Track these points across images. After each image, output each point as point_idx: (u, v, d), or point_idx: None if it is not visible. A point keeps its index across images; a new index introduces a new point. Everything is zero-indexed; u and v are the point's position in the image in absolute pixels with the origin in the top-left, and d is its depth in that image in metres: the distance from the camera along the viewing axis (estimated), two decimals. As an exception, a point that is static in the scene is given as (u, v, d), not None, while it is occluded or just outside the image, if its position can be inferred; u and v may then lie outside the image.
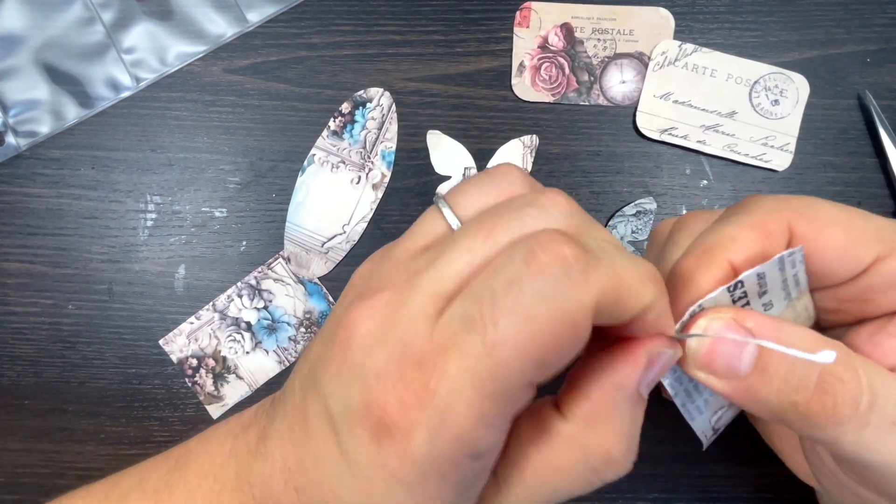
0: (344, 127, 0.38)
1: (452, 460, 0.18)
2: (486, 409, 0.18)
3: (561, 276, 0.17)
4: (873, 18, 0.38)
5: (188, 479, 0.24)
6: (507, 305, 0.17)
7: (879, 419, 0.19)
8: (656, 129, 0.37)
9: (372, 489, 0.19)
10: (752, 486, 0.36)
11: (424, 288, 0.19)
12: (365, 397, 0.19)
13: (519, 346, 0.17)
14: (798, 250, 0.21)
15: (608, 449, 0.20)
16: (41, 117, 0.38)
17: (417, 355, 0.18)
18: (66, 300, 0.38)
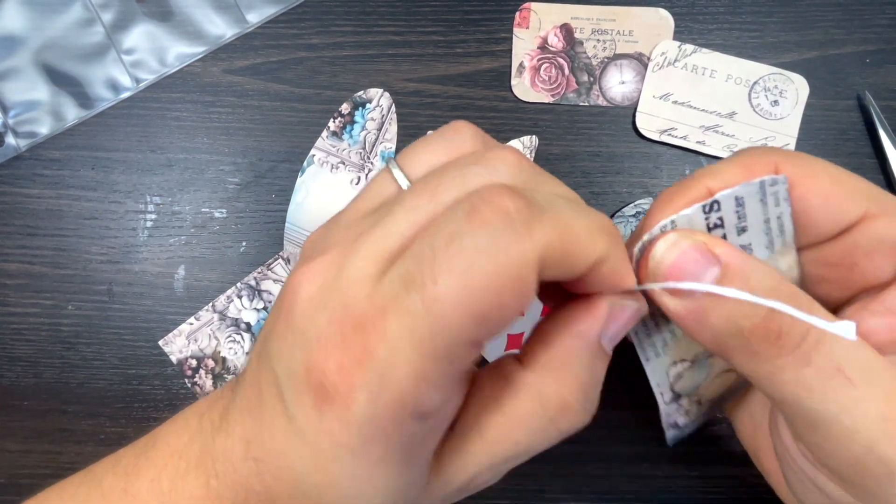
0: (343, 127, 0.38)
1: (395, 421, 0.18)
2: (427, 368, 0.17)
3: (502, 230, 0.17)
4: (873, 19, 0.38)
5: (156, 459, 0.24)
6: (447, 261, 0.17)
7: (824, 361, 0.18)
8: (656, 129, 0.37)
9: (319, 455, 0.19)
10: (752, 486, 0.36)
11: (366, 249, 0.19)
12: (306, 362, 0.19)
13: (458, 302, 0.17)
14: (781, 179, 0.20)
15: (564, 395, 0.20)
16: (41, 118, 0.38)
17: (357, 317, 0.18)
18: (66, 301, 0.38)
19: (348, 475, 0.19)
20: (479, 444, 0.21)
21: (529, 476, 0.36)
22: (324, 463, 0.19)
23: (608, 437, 0.36)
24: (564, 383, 0.20)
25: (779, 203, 0.21)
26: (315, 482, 0.20)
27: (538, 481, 0.36)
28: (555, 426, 0.21)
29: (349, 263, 0.19)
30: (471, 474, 0.21)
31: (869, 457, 0.18)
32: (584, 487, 0.36)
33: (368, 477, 0.19)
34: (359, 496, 0.20)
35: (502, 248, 0.17)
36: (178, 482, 0.23)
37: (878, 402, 0.18)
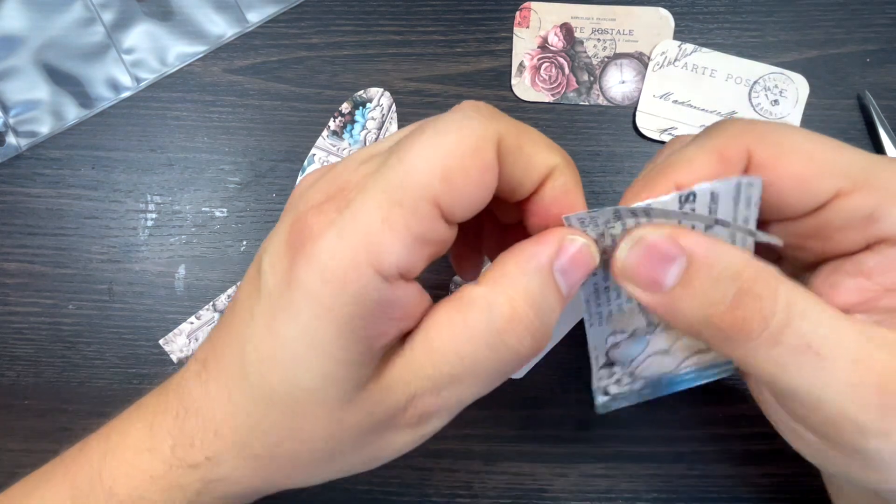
0: (344, 127, 0.38)
1: (354, 262, 0.19)
2: (392, 213, 0.19)
3: (471, 110, 0.20)
4: (873, 18, 0.38)
5: (119, 417, 0.25)
6: (422, 130, 0.20)
7: (794, 339, 0.19)
8: (656, 128, 0.37)
9: (275, 311, 0.20)
10: (752, 486, 0.36)
11: (362, 150, 0.22)
12: (291, 221, 0.20)
13: (426, 157, 0.19)
14: (757, 182, 0.20)
15: (512, 304, 0.20)
16: (41, 117, 0.38)
17: (343, 181, 0.20)
18: (66, 300, 0.38)
19: (294, 330, 0.19)
20: (423, 353, 0.21)
21: (529, 476, 0.36)
22: (277, 320, 0.20)
23: (608, 437, 0.36)
24: (513, 294, 0.21)
25: (749, 206, 0.21)
26: (260, 355, 0.20)
27: (538, 481, 0.36)
28: (501, 339, 0.20)
29: (344, 160, 0.22)
30: (412, 388, 0.21)
31: (840, 419, 0.19)
32: (584, 487, 0.36)
33: (313, 333, 0.19)
34: (299, 358, 0.20)
35: (468, 122, 0.19)
36: (124, 428, 0.24)
37: (846, 370, 0.19)
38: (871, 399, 0.19)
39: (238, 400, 0.21)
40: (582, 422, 0.36)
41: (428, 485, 0.36)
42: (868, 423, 0.19)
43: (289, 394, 0.20)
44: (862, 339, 0.20)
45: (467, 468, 0.36)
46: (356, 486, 0.36)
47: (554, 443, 0.36)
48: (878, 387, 0.19)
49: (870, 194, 0.20)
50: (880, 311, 0.21)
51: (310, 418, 0.20)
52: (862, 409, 0.19)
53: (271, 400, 0.20)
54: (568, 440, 0.37)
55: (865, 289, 0.21)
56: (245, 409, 0.21)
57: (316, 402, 0.20)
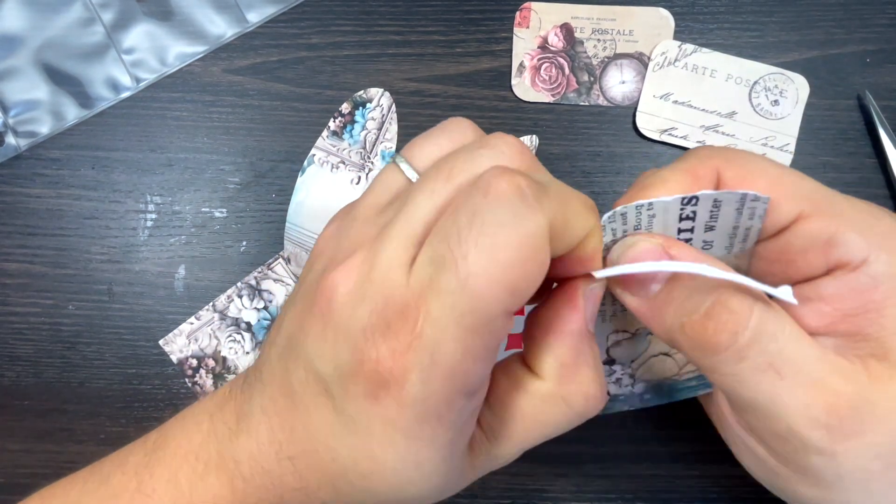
0: (344, 127, 0.38)
1: (446, 398, 0.19)
2: (471, 342, 0.19)
3: (518, 203, 0.19)
4: (873, 18, 0.38)
5: (167, 459, 0.24)
6: (473, 237, 0.18)
7: (757, 358, 0.20)
8: (656, 129, 0.37)
9: (370, 443, 0.20)
10: (752, 486, 0.36)
11: (395, 238, 0.20)
12: (356, 354, 0.19)
13: (490, 274, 0.18)
14: (764, 199, 0.21)
15: (586, 392, 0.22)
16: (41, 117, 0.38)
17: (399, 304, 0.19)
18: (66, 300, 0.38)
19: (398, 459, 0.20)
20: (508, 444, 0.23)
21: (529, 476, 0.36)
22: (374, 450, 0.20)
23: (608, 437, 0.36)
24: (581, 381, 0.22)
25: (753, 218, 0.22)
26: (362, 471, 0.21)
27: (538, 481, 0.36)
28: (582, 417, 0.23)
29: (380, 255, 0.20)
30: (500, 463, 0.24)
31: (788, 435, 0.21)
32: (584, 487, 0.36)
33: (417, 460, 0.20)
34: (407, 481, 0.21)
35: (520, 219, 0.19)
36: (197, 483, 0.23)
37: (802, 392, 0.20)
38: (820, 419, 0.20)
39: (345, 492, 0.22)
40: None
41: (428, 485, 0.36)
42: (814, 441, 0.20)
43: (399, 498, 0.22)
44: (823, 365, 0.20)
45: (467, 468, 0.36)
46: (356, 487, 0.36)
47: (554, 443, 0.36)
48: (827, 408, 0.20)
49: (829, 220, 0.21)
50: (839, 335, 0.22)
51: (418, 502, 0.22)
52: (810, 427, 0.20)
53: (378, 499, 0.22)
54: (568, 440, 0.36)
55: (825, 314, 0.22)
56: (353, 498, 0.22)
57: (425, 497, 0.22)
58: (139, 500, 0.24)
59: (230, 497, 0.23)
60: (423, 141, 0.23)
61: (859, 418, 0.20)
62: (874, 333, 0.21)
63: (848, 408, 0.20)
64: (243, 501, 0.23)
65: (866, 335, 0.21)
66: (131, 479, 0.24)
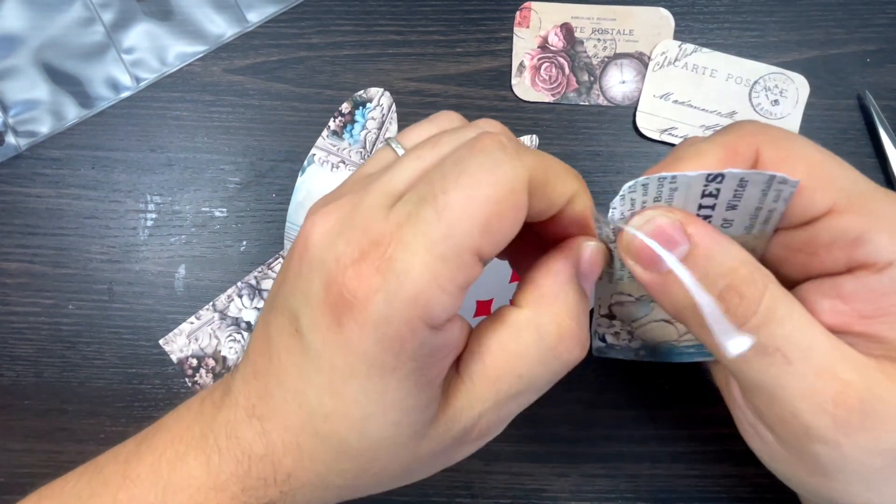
0: (344, 127, 0.38)
1: (409, 323, 0.19)
2: (439, 270, 0.19)
3: (498, 152, 0.20)
4: (873, 18, 0.38)
5: (156, 444, 0.24)
6: (454, 177, 0.20)
7: (766, 341, 0.20)
8: (656, 129, 0.37)
9: (333, 375, 0.20)
10: (752, 486, 0.36)
11: (378, 188, 0.21)
12: (325, 281, 0.20)
13: (466, 209, 0.19)
14: (793, 182, 0.21)
15: (559, 322, 0.22)
16: (41, 117, 0.38)
17: (375, 234, 0.20)
18: (66, 300, 0.38)
19: (360, 390, 0.20)
20: (483, 380, 0.22)
21: (529, 476, 0.36)
22: (337, 383, 0.20)
23: (608, 437, 0.36)
24: (557, 313, 0.22)
25: (778, 200, 0.21)
26: (325, 413, 0.21)
27: (538, 481, 0.36)
28: (554, 354, 0.22)
29: (362, 200, 0.21)
30: (476, 411, 0.22)
31: (792, 420, 0.21)
32: (584, 487, 0.36)
33: (380, 392, 0.20)
34: (370, 416, 0.21)
35: (500, 165, 0.20)
36: (176, 463, 0.24)
37: (811, 378, 0.20)
38: (825, 408, 0.20)
39: (310, 449, 0.22)
40: (582, 422, 0.36)
41: (428, 485, 0.36)
42: (818, 429, 0.20)
43: (362, 444, 0.21)
44: (833, 353, 0.20)
45: (467, 468, 0.36)
46: (356, 486, 0.36)
47: (554, 443, 0.36)
48: (835, 398, 0.20)
49: (861, 217, 0.21)
50: (854, 335, 0.21)
51: (384, 459, 0.22)
52: (815, 415, 0.20)
53: (345, 450, 0.22)
54: (568, 440, 0.37)
55: (841, 312, 0.21)
56: (319, 458, 0.22)
57: (390, 447, 0.22)
58: (125, 486, 0.24)
59: (204, 476, 0.23)
60: (415, 127, 0.25)
61: (867, 413, 0.20)
62: (890, 337, 0.21)
63: (857, 400, 0.20)
64: (216, 479, 0.23)
65: (882, 338, 0.21)
66: (121, 467, 0.25)
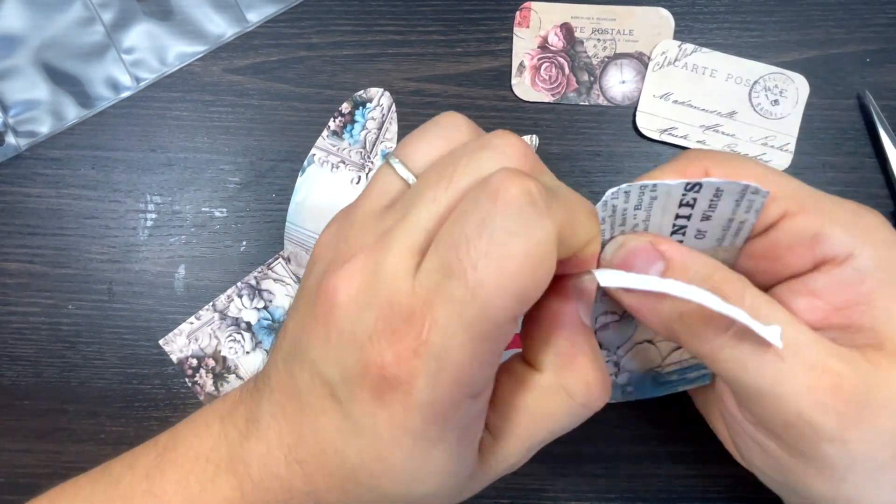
0: (344, 127, 0.38)
1: (453, 402, 0.20)
2: (478, 348, 0.19)
3: (528, 210, 0.18)
4: (873, 18, 0.38)
5: (179, 461, 0.24)
6: (483, 246, 0.18)
7: (755, 339, 0.20)
8: (656, 129, 0.37)
9: (378, 445, 0.21)
10: (752, 485, 0.36)
11: (397, 245, 0.20)
12: (361, 359, 0.20)
13: (500, 283, 0.18)
14: (763, 193, 0.21)
15: (586, 380, 0.22)
16: (41, 117, 0.38)
17: (405, 311, 0.19)
18: (66, 300, 0.38)
19: (406, 459, 0.21)
20: (515, 442, 0.23)
21: (529, 476, 0.36)
22: (382, 451, 0.21)
23: (608, 437, 0.36)
24: (580, 370, 0.22)
25: (749, 211, 0.22)
26: (371, 472, 0.21)
27: (538, 481, 0.36)
28: (586, 409, 0.23)
29: (384, 261, 0.20)
30: (510, 464, 0.24)
31: (798, 421, 0.21)
32: (584, 487, 0.36)
33: (425, 460, 0.21)
34: (415, 480, 0.21)
35: (531, 228, 0.18)
36: (207, 485, 0.23)
37: (804, 374, 0.20)
38: (827, 402, 0.20)
39: (355, 493, 0.22)
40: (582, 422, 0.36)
41: (428, 485, 0.36)
42: (824, 426, 0.20)
43: (407, 499, 0.22)
44: (819, 347, 0.21)
45: (467, 468, 0.36)
46: (356, 486, 0.36)
47: (554, 443, 0.36)
48: (833, 391, 0.20)
49: (814, 216, 0.22)
50: (834, 328, 0.22)
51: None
52: (819, 411, 0.20)
53: (388, 499, 0.22)
54: (568, 440, 0.36)
55: (817, 308, 0.22)
56: (362, 499, 0.22)
57: (433, 500, 0.22)
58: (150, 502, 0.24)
59: (240, 499, 0.23)
60: (417, 141, 0.23)
61: (864, 402, 0.20)
62: (867, 324, 0.21)
63: (851, 391, 0.20)
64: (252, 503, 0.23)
65: (859, 326, 0.22)
66: (141, 481, 0.24)
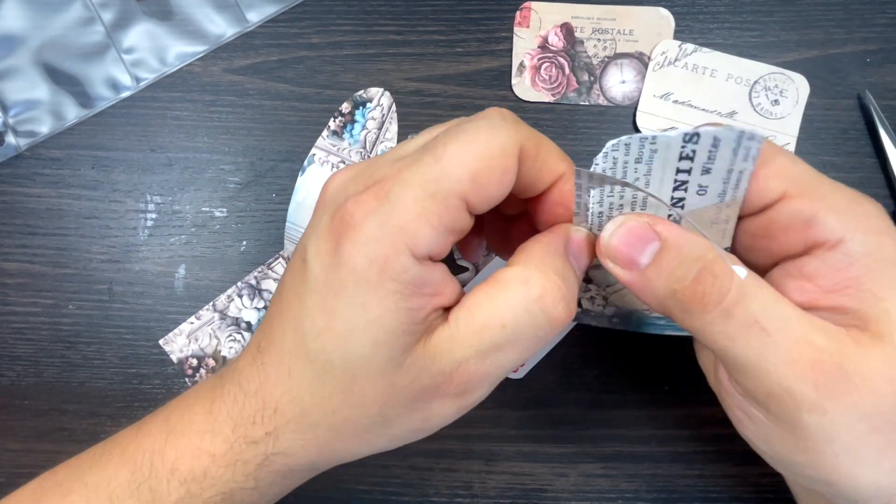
0: (344, 127, 0.38)
1: (395, 246, 0.22)
2: (428, 205, 0.22)
3: (497, 118, 0.23)
4: (873, 18, 0.38)
5: (174, 405, 0.27)
6: (455, 134, 0.23)
7: (744, 315, 0.22)
8: (656, 129, 0.37)
9: (326, 292, 0.23)
10: (752, 486, 0.36)
11: (392, 151, 0.25)
12: (336, 211, 0.23)
13: (460, 158, 0.22)
14: (759, 137, 0.22)
15: (545, 275, 0.23)
16: (41, 117, 0.38)
17: (381, 175, 0.23)
18: (66, 300, 0.38)
19: (346, 306, 0.22)
20: (467, 326, 0.23)
21: (529, 476, 0.36)
22: (329, 301, 0.23)
23: (608, 437, 0.36)
24: (543, 269, 0.24)
25: (747, 159, 0.22)
26: (316, 331, 0.23)
27: (538, 481, 0.36)
28: (539, 305, 0.23)
29: (377, 158, 0.24)
30: (458, 356, 0.23)
31: (780, 391, 0.22)
32: (584, 487, 0.36)
33: (363, 305, 0.22)
34: (352, 330, 0.22)
35: (496, 129, 0.23)
36: (185, 413, 0.26)
37: (787, 347, 0.22)
38: (806, 373, 0.21)
39: (298, 374, 0.23)
40: (582, 422, 0.36)
41: (428, 485, 0.36)
42: (804, 396, 0.21)
43: (345, 362, 0.23)
44: (804, 322, 0.22)
45: (467, 468, 0.36)
46: (357, 486, 0.36)
47: (554, 443, 0.36)
48: (813, 363, 0.21)
49: (811, 201, 0.23)
50: (823, 310, 0.23)
51: (363, 383, 0.23)
52: (799, 381, 0.21)
53: (329, 370, 0.23)
54: (568, 440, 0.37)
55: (806, 290, 0.23)
56: (304, 381, 0.23)
57: (369, 368, 0.23)
58: (136, 440, 0.26)
59: (203, 420, 0.25)
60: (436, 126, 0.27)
61: (844, 377, 0.21)
62: (854, 307, 0.22)
63: (832, 364, 0.21)
64: (213, 423, 0.25)
65: (846, 309, 0.22)
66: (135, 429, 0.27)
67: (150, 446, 0.25)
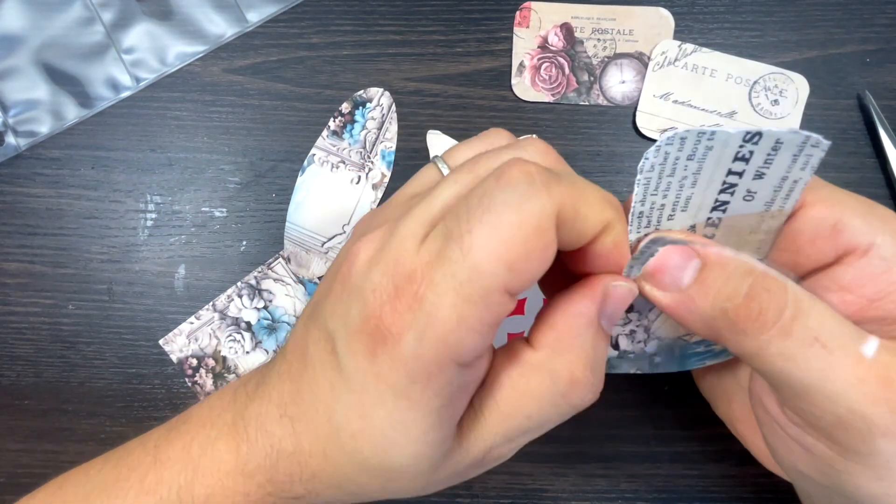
0: (344, 127, 0.38)
1: (437, 361, 0.20)
2: (466, 311, 0.20)
3: (525, 186, 0.20)
4: (873, 18, 0.38)
5: (186, 430, 0.25)
6: (479, 215, 0.20)
7: (803, 332, 0.20)
8: (656, 129, 0.37)
9: (363, 401, 0.21)
10: (752, 486, 0.36)
11: (414, 216, 0.22)
12: (363, 311, 0.21)
13: (491, 249, 0.19)
14: (823, 146, 0.20)
15: (572, 371, 0.22)
16: (41, 117, 0.38)
17: (408, 269, 0.20)
18: (66, 300, 0.38)
19: (387, 419, 0.21)
20: (495, 417, 0.23)
21: (529, 476, 0.36)
22: (366, 408, 0.21)
23: (608, 437, 0.36)
24: (572, 360, 0.22)
25: (805, 168, 0.21)
26: (352, 431, 0.22)
27: (538, 481, 0.36)
28: (566, 400, 0.22)
29: (399, 228, 0.22)
30: (488, 445, 0.23)
31: (850, 416, 0.20)
32: (584, 487, 0.36)
33: (404, 422, 0.21)
34: (393, 444, 0.21)
35: (525, 201, 0.19)
36: (207, 448, 0.25)
37: (852, 366, 0.20)
38: (878, 393, 0.19)
39: (333, 458, 0.23)
40: (582, 422, 0.36)
41: (428, 485, 0.36)
42: (877, 419, 0.19)
43: (383, 465, 0.22)
44: (863, 337, 0.20)
45: (467, 468, 0.36)
46: (356, 486, 0.36)
47: (554, 443, 0.36)
48: (883, 381, 0.19)
49: (832, 207, 0.22)
50: (869, 321, 0.21)
51: (401, 481, 0.23)
52: (870, 403, 0.19)
53: (367, 468, 0.22)
54: (568, 440, 0.37)
55: (850, 302, 0.22)
56: (341, 468, 0.23)
57: (408, 473, 0.22)
58: (154, 469, 0.25)
59: (233, 462, 0.24)
60: (462, 145, 0.25)
61: None
62: None
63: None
64: (244, 466, 0.24)
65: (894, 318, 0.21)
66: (149, 452, 0.26)
67: (173, 480, 0.25)
